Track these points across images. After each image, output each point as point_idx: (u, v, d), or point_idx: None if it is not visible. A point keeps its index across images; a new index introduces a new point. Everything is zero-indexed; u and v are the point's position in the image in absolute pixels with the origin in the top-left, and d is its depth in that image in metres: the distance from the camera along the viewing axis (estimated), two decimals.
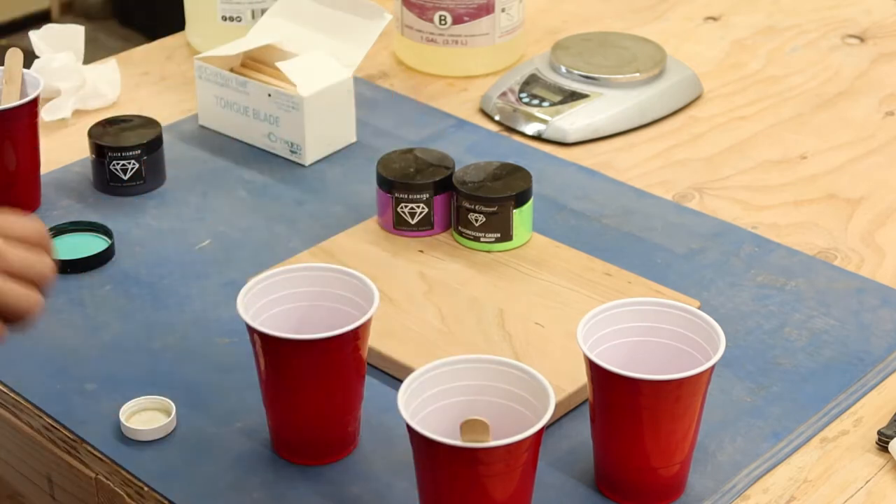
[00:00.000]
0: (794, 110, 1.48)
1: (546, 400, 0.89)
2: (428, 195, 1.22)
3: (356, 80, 1.48)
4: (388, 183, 1.22)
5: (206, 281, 1.21)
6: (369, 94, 1.51)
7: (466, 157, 1.37)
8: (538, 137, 1.43)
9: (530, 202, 1.22)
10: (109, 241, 1.24)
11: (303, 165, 1.38)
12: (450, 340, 1.10)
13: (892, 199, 1.32)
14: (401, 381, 1.07)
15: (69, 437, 1.05)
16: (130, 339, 1.14)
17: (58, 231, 1.25)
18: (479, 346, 1.09)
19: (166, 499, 0.98)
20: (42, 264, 0.86)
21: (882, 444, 1.02)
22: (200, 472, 1.00)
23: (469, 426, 0.89)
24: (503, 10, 1.52)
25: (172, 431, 1.04)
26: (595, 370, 0.93)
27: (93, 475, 1.04)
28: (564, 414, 1.05)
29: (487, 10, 1.52)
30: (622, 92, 1.46)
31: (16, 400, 1.08)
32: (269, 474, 1.00)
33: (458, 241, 1.23)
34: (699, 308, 1.13)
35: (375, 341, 1.06)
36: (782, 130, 1.45)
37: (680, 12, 1.70)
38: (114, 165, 1.31)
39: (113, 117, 1.35)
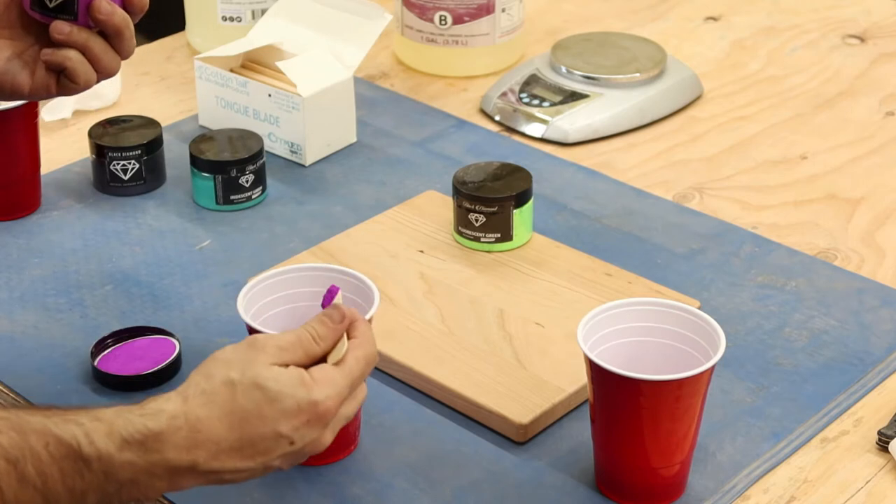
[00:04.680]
0: (794, 110, 1.48)
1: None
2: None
3: (356, 80, 1.48)
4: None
5: (206, 281, 1.20)
6: (369, 94, 1.50)
7: (466, 157, 1.37)
8: (538, 137, 1.43)
9: (530, 202, 1.22)
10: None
11: (303, 165, 1.38)
12: (450, 340, 1.10)
13: (892, 199, 1.32)
14: (401, 382, 1.08)
15: None
16: None
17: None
18: (480, 347, 1.09)
19: (166, 499, 0.98)
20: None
21: (882, 445, 1.02)
22: None
23: None
24: (503, 11, 1.52)
25: None
26: (595, 370, 0.93)
27: None
28: (564, 414, 1.05)
29: (487, 10, 1.52)
30: (622, 92, 1.46)
31: (16, 400, 1.08)
32: (269, 474, 1.00)
33: (458, 241, 1.22)
34: (699, 308, 1.13)
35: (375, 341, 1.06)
36: (782, 130, 1.45)
37: (680, 12, 1.70)
38: (114, 165, 1.31)
39: (113, 117, 1.35)
